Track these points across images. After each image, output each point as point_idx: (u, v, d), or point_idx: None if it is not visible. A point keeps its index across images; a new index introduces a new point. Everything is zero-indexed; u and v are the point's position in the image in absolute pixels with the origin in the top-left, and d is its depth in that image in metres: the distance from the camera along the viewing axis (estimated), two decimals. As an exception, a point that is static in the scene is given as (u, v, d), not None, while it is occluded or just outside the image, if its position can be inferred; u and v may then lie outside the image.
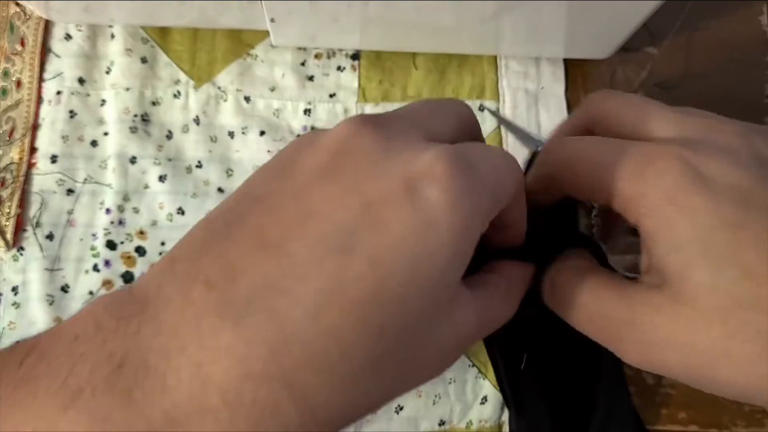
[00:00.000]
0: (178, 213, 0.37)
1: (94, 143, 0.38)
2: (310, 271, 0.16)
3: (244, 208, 0.18)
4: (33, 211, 0.36)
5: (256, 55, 0.39)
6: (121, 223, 0.36)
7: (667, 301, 0.20)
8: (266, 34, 0.39)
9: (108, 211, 0.36)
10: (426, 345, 0.19)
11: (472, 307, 0.20)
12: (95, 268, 0.36)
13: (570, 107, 0.40)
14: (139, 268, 0.36)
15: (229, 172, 0.38)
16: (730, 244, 0.19)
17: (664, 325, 0.20)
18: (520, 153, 0.39)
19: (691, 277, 0.19)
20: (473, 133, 0.23)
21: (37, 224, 0.36)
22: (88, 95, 0.38)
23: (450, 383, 0.35)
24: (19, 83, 0.38)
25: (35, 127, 0.37)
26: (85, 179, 0.37)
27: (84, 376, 0.15)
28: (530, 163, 0.29)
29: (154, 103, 0.38)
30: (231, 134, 0.38)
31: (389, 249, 0.17)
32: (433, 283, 0.17)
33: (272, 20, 0.35)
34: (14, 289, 0.35)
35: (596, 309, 0.22)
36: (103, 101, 0.38)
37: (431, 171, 0.18)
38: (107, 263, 0.36)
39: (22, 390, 0.15)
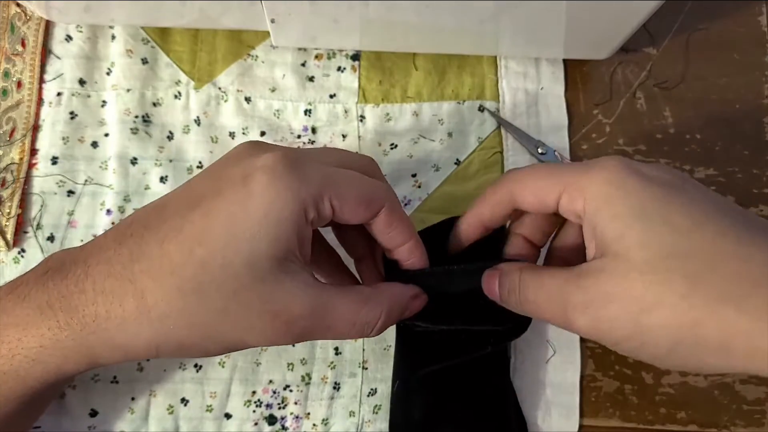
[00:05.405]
0: (179, 214, 0.37)
1: (94, 144, 0.38)
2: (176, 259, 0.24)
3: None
4: (33, 212, 0.36)
5: (257, 56, 0.40)
6: (122, 223, 0.36)
7: (608, 261, 0.24)
8: (267, 34, 0.39)
9: (109, 212, 0.36)
10: (233, 295, 0.24)
11: (300, 293, 0.24)
12: (96, 269, 0.36)
13: (569, 107, 0.40)
14: (140, 269, 0.36)
15: (229, 173, 0.38)
16: (658, 211, 0.24)
17: (606, 281, 0.24)
18: (519, 153, 0.39)
19: (626, 236, 0.24)
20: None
21: (38, 226, 0.36)
22: (88, 96, 0.38)
23: None
24: (19, 84, 0.38)
25: (36, 128, 0.37)
26: (86, 180, 0.37)
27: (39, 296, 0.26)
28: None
29: (154, 104, 0.38)
30: (232, 135, 0.38)
31: (221, 210, 0.24)
32: (247, 237, 0.23)
33: (272, 21, 0.35)
34: (16, 290, 0.35)
35: (550, 289, 0.26)
36: (104, 102, 0.38)
37: (264, 163, 0.25)
38: (108, 264, 0.36)
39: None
